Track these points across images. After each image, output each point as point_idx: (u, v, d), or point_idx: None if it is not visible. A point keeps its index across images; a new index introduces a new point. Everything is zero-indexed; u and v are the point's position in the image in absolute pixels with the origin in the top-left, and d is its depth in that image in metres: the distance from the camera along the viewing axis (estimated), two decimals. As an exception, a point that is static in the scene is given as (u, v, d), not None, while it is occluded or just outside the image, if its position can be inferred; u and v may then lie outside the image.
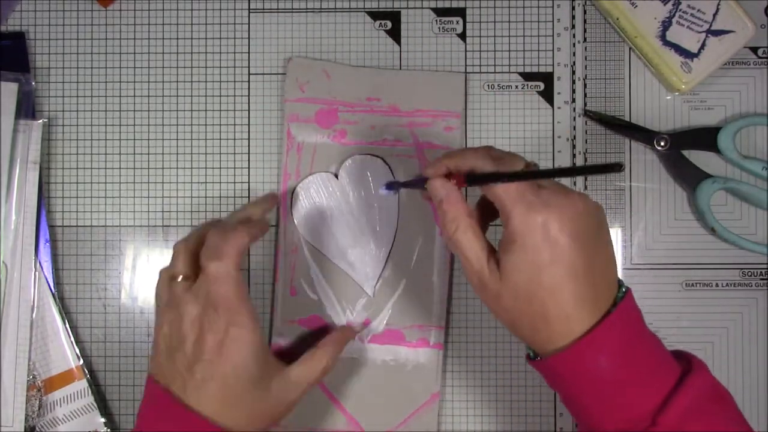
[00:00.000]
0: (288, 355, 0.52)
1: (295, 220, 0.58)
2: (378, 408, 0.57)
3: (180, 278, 0.49)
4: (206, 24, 0.60)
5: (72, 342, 0.58)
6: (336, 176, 0.58)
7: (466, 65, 0.59)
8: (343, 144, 0.58)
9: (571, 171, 0.54)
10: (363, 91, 0.58)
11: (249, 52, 0.60)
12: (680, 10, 0.57)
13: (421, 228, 0.58)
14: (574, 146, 0.59)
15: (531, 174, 0.45)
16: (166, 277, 0.50)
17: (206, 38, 0.60)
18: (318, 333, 0.57)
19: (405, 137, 0.58)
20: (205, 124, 0.60)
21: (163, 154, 0.60)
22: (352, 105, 0.58)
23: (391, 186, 0.57)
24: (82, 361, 0.58)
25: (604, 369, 0.44)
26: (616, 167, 0.41)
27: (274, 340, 0.58)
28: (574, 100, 0.59)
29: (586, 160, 0.59)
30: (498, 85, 0.59)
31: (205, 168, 0.59)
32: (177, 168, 0.60)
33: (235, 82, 0.60)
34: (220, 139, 0.60)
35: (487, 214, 0.49)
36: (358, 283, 0.57)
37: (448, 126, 0.58)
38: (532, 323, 0.45)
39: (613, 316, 0.44)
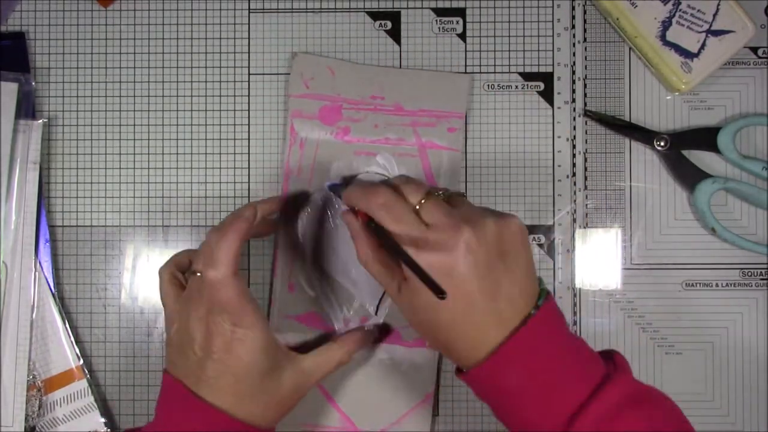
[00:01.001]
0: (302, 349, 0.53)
1: (299, 234, 0.57)
2: (372, 406, 0.57)
3: (199, 275, 0.49)
4: (206, 24, 0.60)
5: (72, 342, 0.58)
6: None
7: (466, 65, 0.59)
8: (347, 141, 0.58)
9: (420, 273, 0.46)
10: (367, 89, 0.58)
11: (249, 52, 0.60)
12: (680, 10, 0.57)
13: None
14: (574, 146, 0.59)
15: (396, 251, 0.45)
16: (167, 276, 0.51)
17: (206, 38, 0.60)
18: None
19: (408, 136, 0.58)
20: (205, 124, 0.60)
21: (163, 154, 0.60)
22: (356, 102, 0.58)
23: (335, 187, 0.56)
24: (82, 361, 0.58)
25: (514, 383, 0.44)
26: (439, 293, 0.43)
27: None
28: (574, 100, 0.59)
29: (586, 160, 0.59)
30: (498, 85, 0.59)
31: (205, 168, 0.59)
32: (177, 168, 0.59)
33: (235, 82, 0.60)
34: (220, 139, 0.60)
35: None
36: (360, 302, 0.57)
37: (451, 127, 0.58)
38: (443, 348, 0.47)
39: (520, 333, 0.45)
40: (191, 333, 0.48)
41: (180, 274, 0.52)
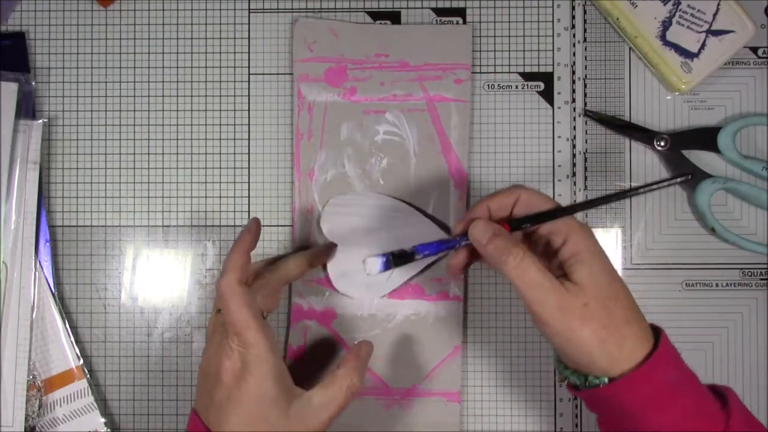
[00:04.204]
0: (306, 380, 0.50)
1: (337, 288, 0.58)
2: (402, 364, 0.58)
3: (218, 311, 0.50)
4: (206, 24, 0.60)
5: (72, 342, 0.58)
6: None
7: (466, 65, 0.59)
8: (354, 101, 0.58)
9: (618, 195, 0.49)
10: (371, 48, 0.58)
11: (249, 52, 0.60)
12: (680, 10, 0.57)
13: (435, 180, 0.58)
14: (574, 146, 0.59)
15: (580, 206, 0.49)
16: (215, 311, 0.52)
17: (206, 38, 0.60)
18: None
19: (415, 91, 0.58)
20: (205, 124, 0.60)
21: (163, 154, 0.60)
22: (360, 62, 0.58)
23: (391, 261, 0.49)
24: (82, 361, 0.58)
25: (674, 381, 0.45)
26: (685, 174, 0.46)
27: (294, 301, 0.58)
28: (574, 100, 0.59)
29: (586, 160, 0.59)
30: (498, 85, 0.59)
31: (205, 168, 0.59)
32: (177, 168, 0.60)
33: (235, 82, 0.60)
34: (220, 139, 0.60)
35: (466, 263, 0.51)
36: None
37: (457, 78, 0.58)
38: (617, 332, 0.44)
39: (662, 344, 0.46)
40: (208, 368, 0.48)
41: None
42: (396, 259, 0.49)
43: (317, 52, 0.58)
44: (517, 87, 0.59)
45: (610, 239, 0.59)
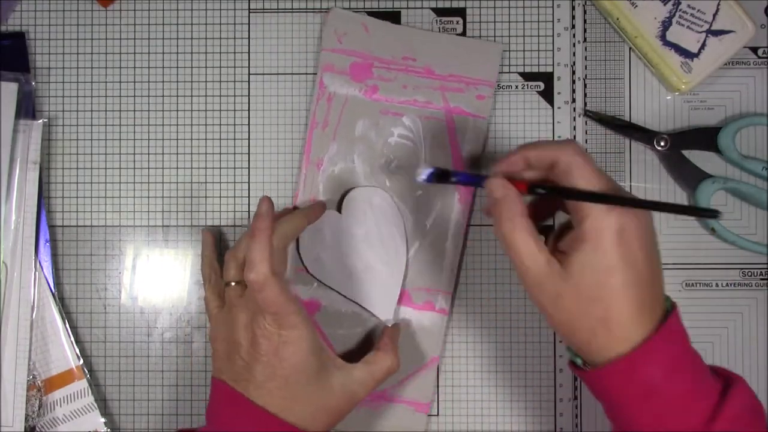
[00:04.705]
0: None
1: (304, 262, 0.57)
2: None
3: (233, 284, 0.51)
4: (206, 24, 0.60)
5: (72, 342, 0.58)
6: (339, 211, 0.58)
7: (466, 65, 0.59)
8: (374, 99, 0.58)
9: (667, 207, 0.47)
10: (399, 50, 0.58)
11: (249, 52, 0.60)
12: (680, 10, 0.57)
13: (440, 192, 0.58)
14: (574, 146, 0.59)
15: (612, 198, 0.44)
16: (211, 289, 0.54)
17: (206, 38, 0.60)
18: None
19: (436, 100, 0.58)
20: (205, 124, 0.60)
21: (163, 154, 0.60)
22: (387, 62, 0.58)
23: (435, 176, 0.51)
24: (82, 361, 0.58)
25: (657, 380, 0.43)
26: (713, 213, 0.44)
27: None
28: (574, 100, 0.59)
29: (586, 160, 0.59)
30: (498, 85, 0.59)
31: (205, 168, 0.59)
32: (177, 168, 0.60)
33: (235, 82, 0.60)
34: (220, 139, 0.60)
35: (538, 216, 0.49)
36: (373, 314, 0.57)
37: (480, 94, 0.58)
38: (591, 328, 0.44)
39: (667, 326, 0.44)
40: (237, 340, 0.49)
41: (222, 286, 0.53)
42: (438, 176, 0.50)
43: (346, 44, 0.58)
44: (517, 87, 0.59)
45: (610, 239, 0.59)
